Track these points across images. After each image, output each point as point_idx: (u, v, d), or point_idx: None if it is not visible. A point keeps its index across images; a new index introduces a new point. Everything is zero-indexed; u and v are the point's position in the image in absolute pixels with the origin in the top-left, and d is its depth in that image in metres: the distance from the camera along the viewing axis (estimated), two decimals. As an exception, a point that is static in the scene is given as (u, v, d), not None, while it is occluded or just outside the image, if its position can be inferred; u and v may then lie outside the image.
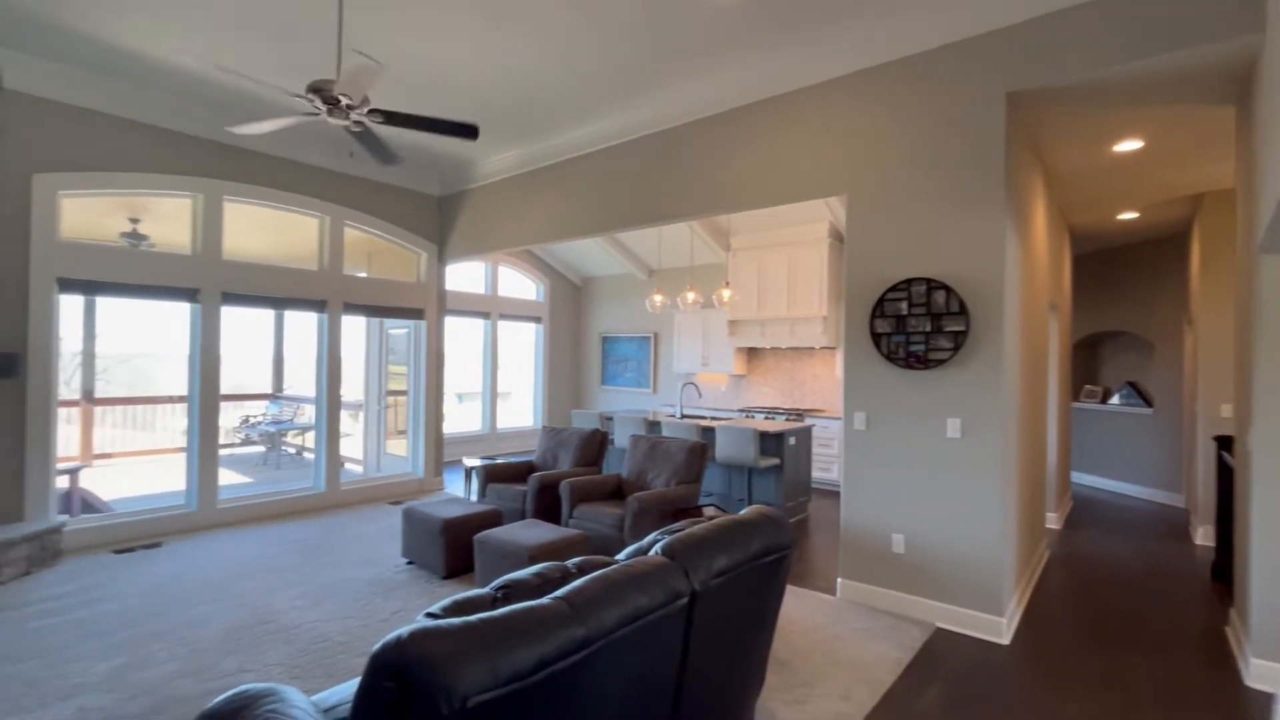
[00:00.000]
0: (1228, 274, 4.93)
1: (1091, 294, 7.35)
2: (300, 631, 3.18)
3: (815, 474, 7.04)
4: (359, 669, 2.79)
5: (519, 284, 9.95)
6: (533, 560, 3.35)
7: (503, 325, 9.45)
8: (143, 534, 4.80)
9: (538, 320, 9.98)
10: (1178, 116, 3.62)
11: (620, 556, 1.81)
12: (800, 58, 3.85)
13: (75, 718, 2.40)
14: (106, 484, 6.45)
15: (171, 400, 8.82)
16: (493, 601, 1.28)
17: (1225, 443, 4.11)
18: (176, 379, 10.23)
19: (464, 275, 9.02)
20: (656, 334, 9.47)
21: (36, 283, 4.31)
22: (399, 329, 7.16)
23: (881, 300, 3.64)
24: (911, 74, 3.54)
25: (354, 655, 2.93)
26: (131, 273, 4.77)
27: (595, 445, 5.00)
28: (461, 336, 9.50)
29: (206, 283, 5.12)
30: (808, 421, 6.89)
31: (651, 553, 1.58)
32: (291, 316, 10.08)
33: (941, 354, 3.43)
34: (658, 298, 6.91)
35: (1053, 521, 5.50)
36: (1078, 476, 7.43)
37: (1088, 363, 7.71)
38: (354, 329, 7.30)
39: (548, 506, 4.58)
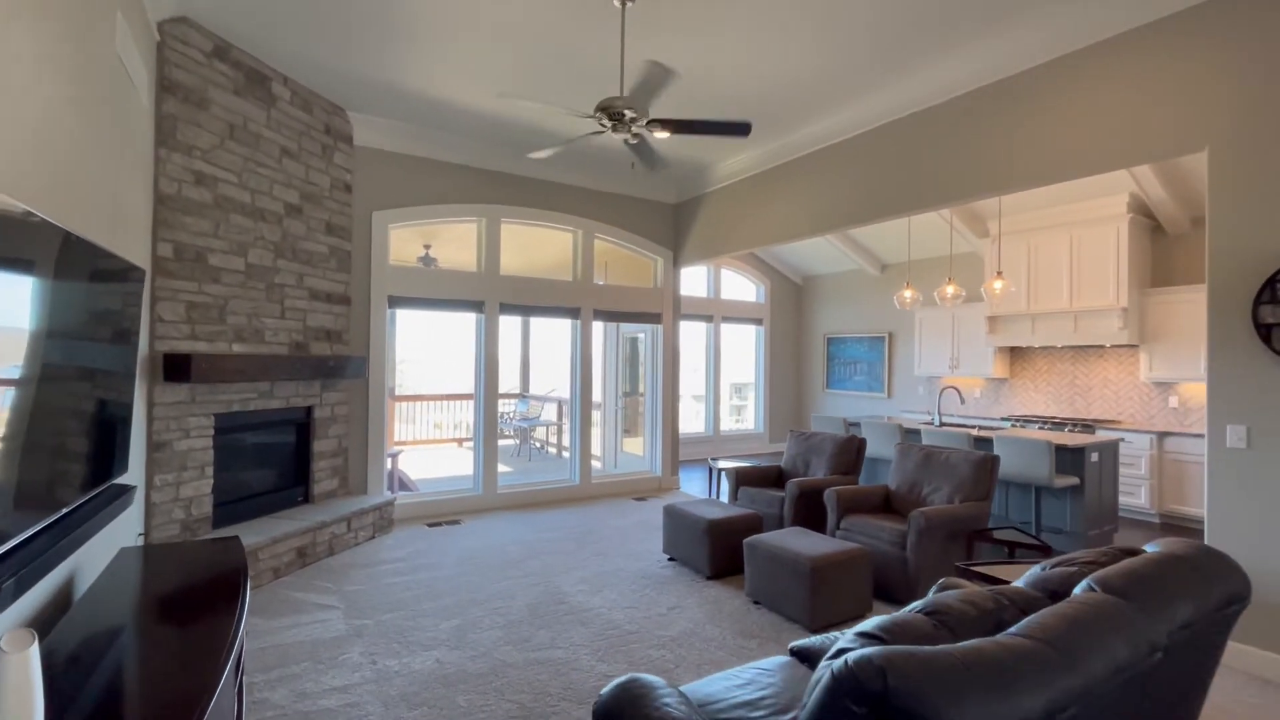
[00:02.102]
0: None
1: None
2: (591, 616, 3.39)
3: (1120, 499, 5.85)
4: (653, 660, 2.87)
5: (739, 286, 9.90)
6: (815, 572, 3.18)
7: (725, 328, 9.47)
8: (445, 511, 5.62)
9: (758, 322, 9.83)
10: None
11: (1018, 584, 1.54)
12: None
13: (436, 667, 2.80)
14: (412, 466, 7.74)
15: (452, 397, 10.34)
16: (934, 628, 1.13)
17: None
18: (440, 379, 12.02)
19: (687, 279, 9.21)
20: (892, 334, 8.73)
21: (375, 300, 5.28)
22: (637, 333, 7.51)
23: (1271, 282, 2.81)
24: (1325, -20, 2.68)
25: (647, 646, 3.03)
26: (435, 289, 5.62)
27: (852, 453, 4.67)
28: (685, 340, 9.73)
29: (489, 295, 5.85)
30: (1102, 434, 5.73)
31: (1081, 588, 1.30)
32: (535, 322, 11.25)
33: (1386, 349, 2.53)
34: (908, 293, 6.31)
35: None
36: None
37: None
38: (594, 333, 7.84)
39: (807, 514, 4.38)
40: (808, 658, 1.97)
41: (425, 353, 12.30)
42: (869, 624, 1.14)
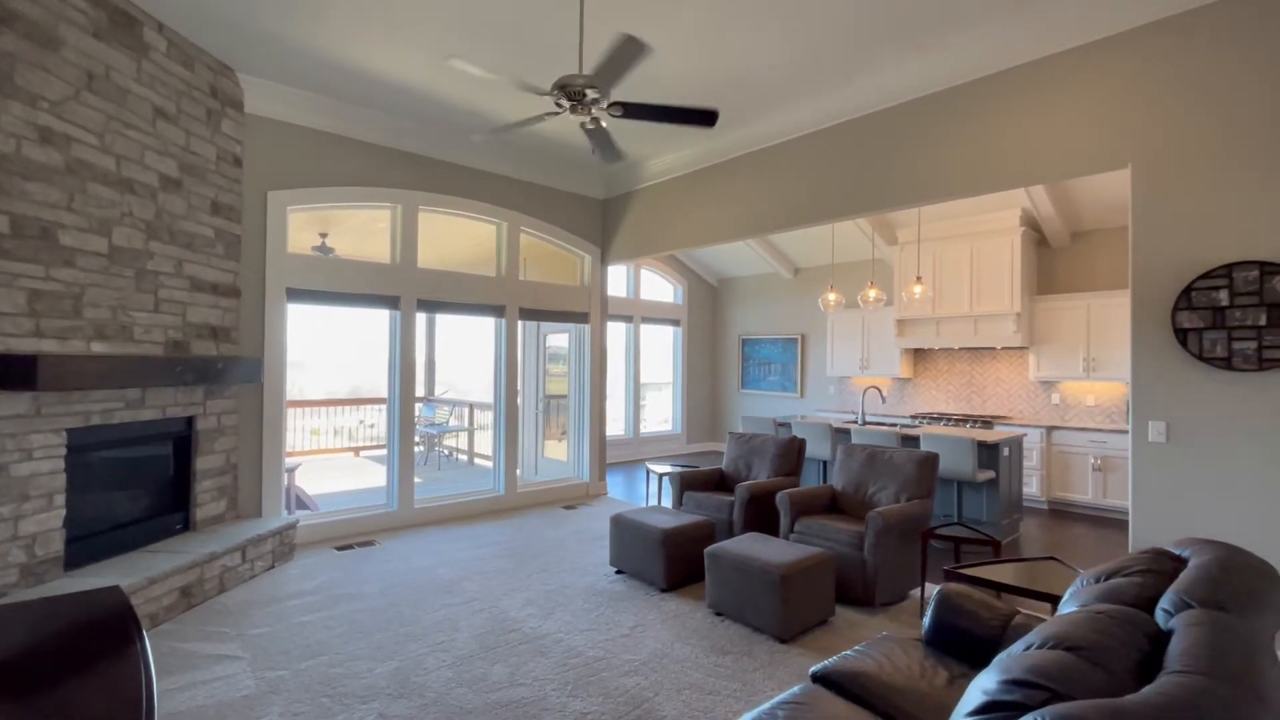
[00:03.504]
0: None
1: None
2: (549, 643, 3.08)
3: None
4: (629, 690, 2.63)
5: (658, 286, 9.83)
6: (785, 581, 3.08)
7: (644, 328, 9.36)
8: (356, 531, 5.01)
9: (676, 323, 9.82)
10: None
11: (1067, 599, 1.48)
12: (1067, 18, 3.37)
13: (379, 723, 2.39)
14: (304, 482, 6.90)
15: (351, 402, 9.41)
16: (1089, 667, 1.00)
17: None
18: (332, 381, 10.96)
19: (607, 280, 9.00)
20: (804, 335, 9.03)
21: (271, 292, 4.59)
22: (560, 333, 7.19)
23: (1188, 290, 3.08)
24: (1236, 13, 2.97)
25: (618, 673, 2.78)
26: (343, 282, 5.00)
27: (794, 454, 4.69)
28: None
29: (405, 290, 5.30)
30: (1000, 429, 6.21)
31: (1171, 602, 1.24)
32: (441, 320, 10.54)
33: (1284, 352, 2.84)
34: (831, 296, 6.50)
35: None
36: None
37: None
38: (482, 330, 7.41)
39: (756, 518, 4.32)
40: (835, 684, 1.83)
41: (313, 352, 11.12)
42: (1018, 669, 1.00)
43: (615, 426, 9.51)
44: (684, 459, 9.06)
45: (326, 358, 10.87)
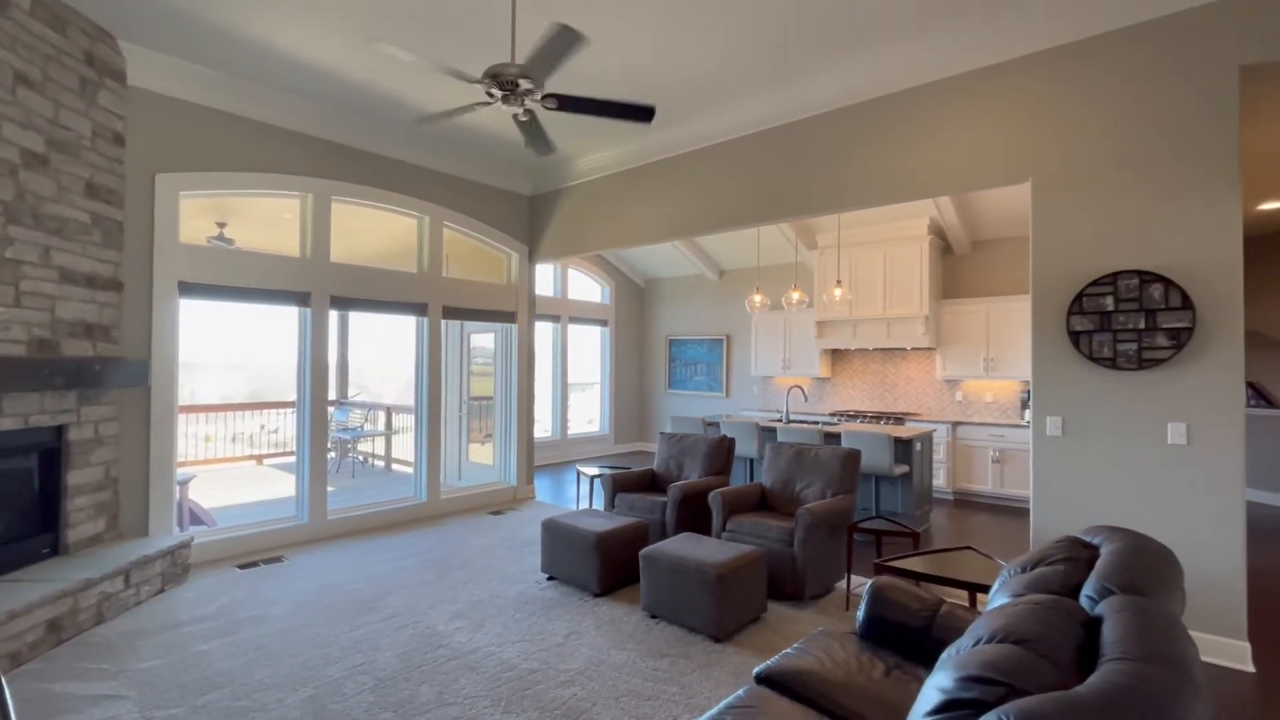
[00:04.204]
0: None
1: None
2: (480, 657, 2.95)
3: (920, 481, 6.74)
4: (565, 702, 2.55)
5: (586, 286, 9.74)
6: (720, 580, 3.10)
7: (571, 328, 9.24)
8: (261, 547, 4.61)
9: (604, 323, 9.77)
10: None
11: (997, 589, 1.55)
12: (978, 38, 3.60)
13: (293, 759, 2.18)
14: (200, 494, 6.30)
15: (252, 406, 8.70)
16: (1035, 658, 1.02)
17: None
18: (241, 386, 10.14)
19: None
20: (729, 336, 9.22)
21: (160, 286, 4.15)
22: (482, 333, 6.96)
23: (1080, 296, 3.36)
24: (1123, 47, 3.27)
25: (554, 685, 2.69)
26: (246, 276, 4.60)
27: (724, 453, 4.75)
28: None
29: (317, 286, 4.95)
30: (911, 425, 6.59)
31: (1094, 588, 1.32)
32: (355, 318, 9.96)
33: (1159, 353, 3.15)
34: (757, 298, 6.65)
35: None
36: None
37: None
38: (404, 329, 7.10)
39: (689, 518, 4.33)
40: (778, 684, 1.84)
41: (208, 352, 10.21)
42: (974, 665, 1.02)
43: (542, 428, 9.33)
44: (612, 460, 9.02)
45: (222, 358, 10.01)
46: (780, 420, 6.28)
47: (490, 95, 3.03)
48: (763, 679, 1.88)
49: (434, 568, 4.22)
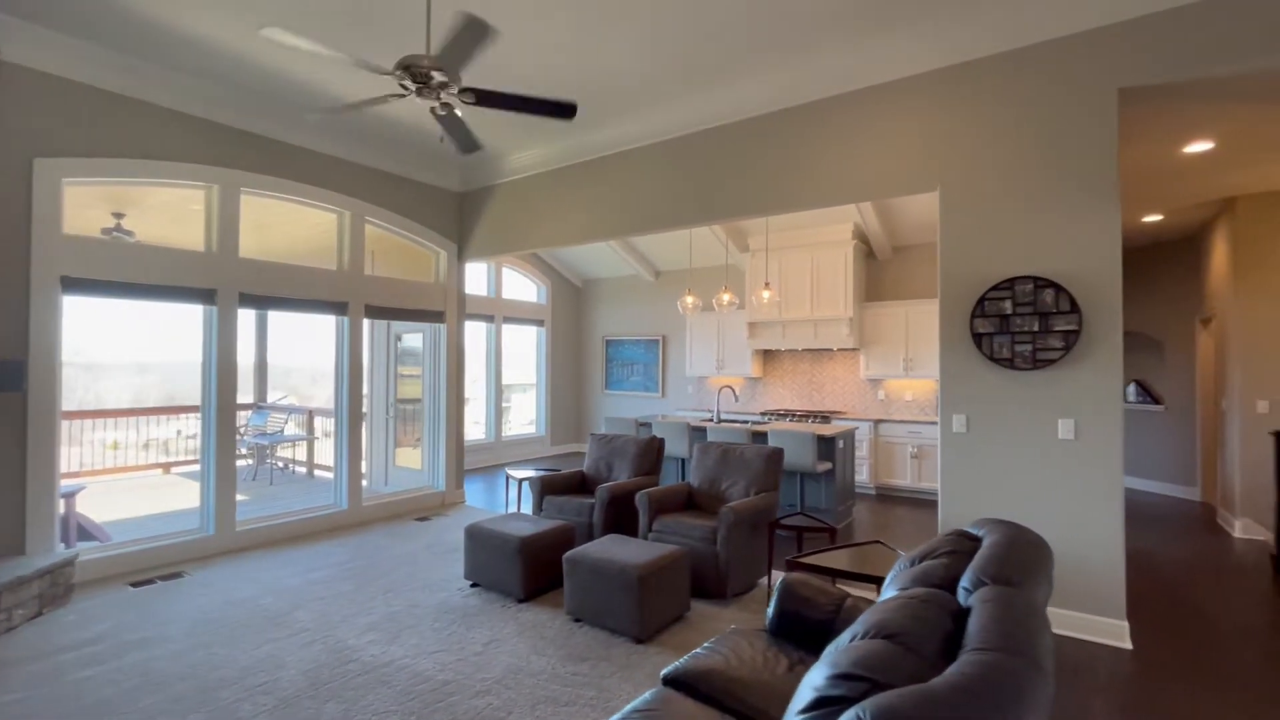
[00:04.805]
0: (1264, 275, 5.10)
1: (1100, 295, 7.55)
2: (392, 671, 2.84)
3: (846, 477, 6.98)
4: (480, 711, 2.49)
5: (521, 285, 9.60)
6: (642, 581, 3.10)
7: (506, 328, 9.08)
8: (158, 563, 4.29)
9: (540, 323, 9.65)
10: (1253, 116, 3.66)
11: (889, 582, 1.61)
12: (894, 51, 3.75)
13: (176, 791, 2.03)
14: (94, 506, 5.81)
15: (172, 411, 8.10)
16: (903, 653, 1.06)
17: (1287, 438, 4.20)
18: (152, 389, 9.46)
19: (467, 277, 8.60)
20: (665, 336, 9.28)
21: (38, 281, 3.80)
22: (411, 333, 6.74)
23: (982, 300, 3.56)
24: (1016, 68, 3.47)
25: (469, 695, 2.62)
26: (140, 272, 4.28)
27: (654, 454, 4.77)
28: (467, 341, 9.07)
29: (224, 283, 4.65)
30: (837, 423, 6.82)
31: (971, 581, 1.38)
32: (275, 318, 9.45)
33: (1051, 354, 3.37)
34: (689, 299, 6.72)
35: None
36: (1090, 473, 7.62)
37: (1094, 362, 7.91)
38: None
39: (617, 518, 4.32)
40: (685, 685, 1.85)
41: (115, 353, 9.45)
42: (845, 663, 1.04)
43: (476, 430, 9.14)
44: (549, 461, 8.93)
45: (133, 359, 9.30)
46: (711, 420, 6.37)
47: (404, 88, 2.93)
48: (669, 680, 1.89)
49: (351, 578, 4.05)
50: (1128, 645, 3.15)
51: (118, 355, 9.27)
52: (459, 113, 3.20)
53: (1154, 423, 7.05)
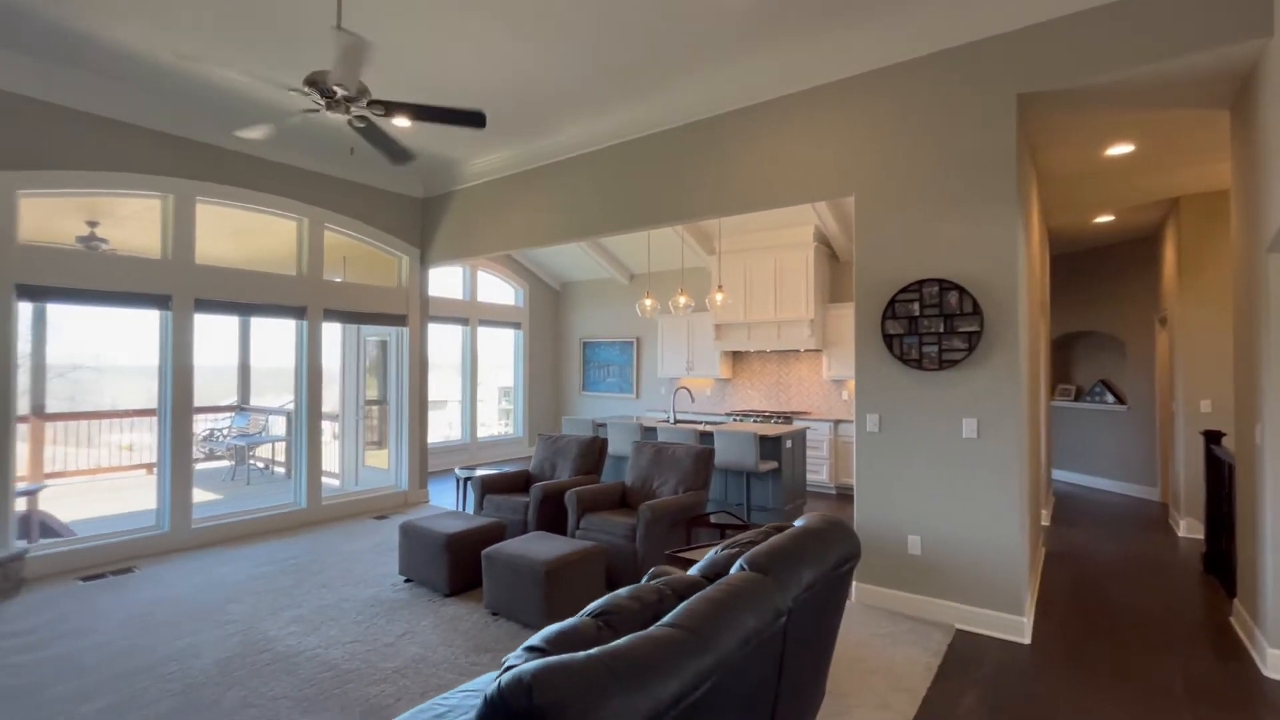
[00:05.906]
0: (1207, 275, 5.13)
1: (1065, 295, 7.59)
2: (301, 660, 2.97)
3: (807, 477, 7.05)
4: (370, 699, 2.62)
5: (498, 289, 9.75)
6: (549, 575, 3.22)
7: (483, 331, 9.23)
8: (111, 558, 4.46)
9: (517, 326, 9.79)
10: (1170, 121, 3.72)
11: (693, 571, 1.71)
12: (811, 58, 3.84)
13: (63, 768, 2.17)
14: (61, 506, 6.01)
15: (136, 414, 8.31)
16: (597, 630, 1.17)
17: (1214, 437, 4.24)
18: (124, 392, 9.70)
19: (442, 280, 8.77)
20: (639, 339, 9.39)
21: (-9, 289, 3.98)
22: (377, 336, 6.90)
23: (893, 302, 3.64)
24: (922, 75, 3.56)
25: (365, 683, 2.75)
26: (99, 279, 4.45)
27: (595, 453, 4.88)
28: (439, 343, 9.23)
29: (179, 289, 4.82)
30: (797, 424, 6.89)
31: (735, 568, 1.48)
32: (258, 324, 9.65)
33: (955, 354, 3.44)
34: (648, 302, 6.83)
35: (1043, 519, 5.60)
36: (1055, 473, 7.64)
37: (1061, 362, 7.94)
38: (329, 336, 6.99)
39: (551, 517, 4.44)
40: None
41: (104, 359, 9.69)
42: (538, 637, 1.15)
43: (452, 432, 9.30)
44: (521, 462, 9.06)
45: (139, 363, 9.53)
46: (667, 420, 6.47)
47: (316, 103, 3.07)
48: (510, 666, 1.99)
49: (292, 574, 4.19)
50: (1026, 640, 3.22)
51: (127, 359, 9.54)
52: (378, 125, 3.33)
53: (1117, 422, 7.06)
